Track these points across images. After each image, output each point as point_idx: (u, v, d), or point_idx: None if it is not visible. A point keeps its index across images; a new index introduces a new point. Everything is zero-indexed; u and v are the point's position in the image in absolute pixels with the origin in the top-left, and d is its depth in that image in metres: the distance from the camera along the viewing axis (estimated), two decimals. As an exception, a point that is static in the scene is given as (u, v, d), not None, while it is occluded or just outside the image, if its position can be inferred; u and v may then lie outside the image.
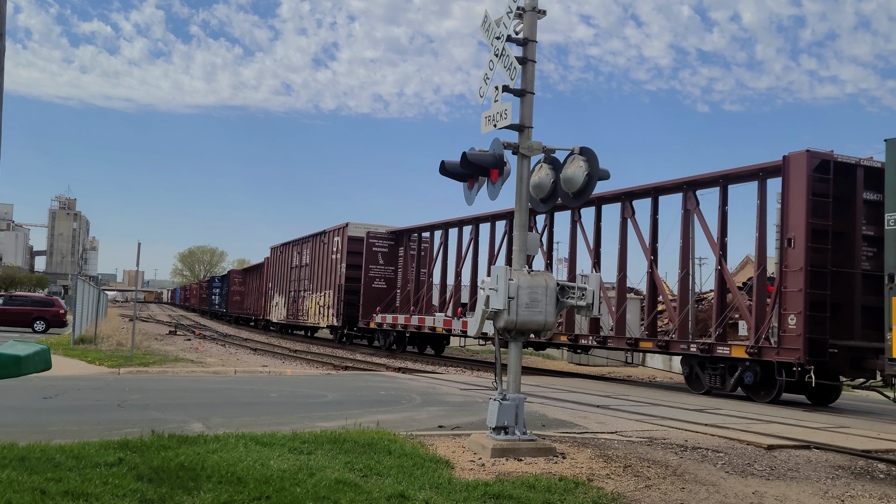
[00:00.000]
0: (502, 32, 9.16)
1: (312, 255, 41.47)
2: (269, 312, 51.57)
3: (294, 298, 44.67)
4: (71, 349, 24.17)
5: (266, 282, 53.02)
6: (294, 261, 45.21)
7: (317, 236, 41.06)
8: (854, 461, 9.47)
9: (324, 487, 6.46)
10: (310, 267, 41.59)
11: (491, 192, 9.34)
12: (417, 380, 19.10)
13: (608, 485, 7.33)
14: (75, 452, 7.24)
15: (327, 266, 38.46)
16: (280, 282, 48.46)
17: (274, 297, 50.24)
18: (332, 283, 37.43)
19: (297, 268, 44.60)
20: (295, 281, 44.68)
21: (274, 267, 50.80)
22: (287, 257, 47.17)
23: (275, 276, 50.32)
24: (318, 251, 40.39)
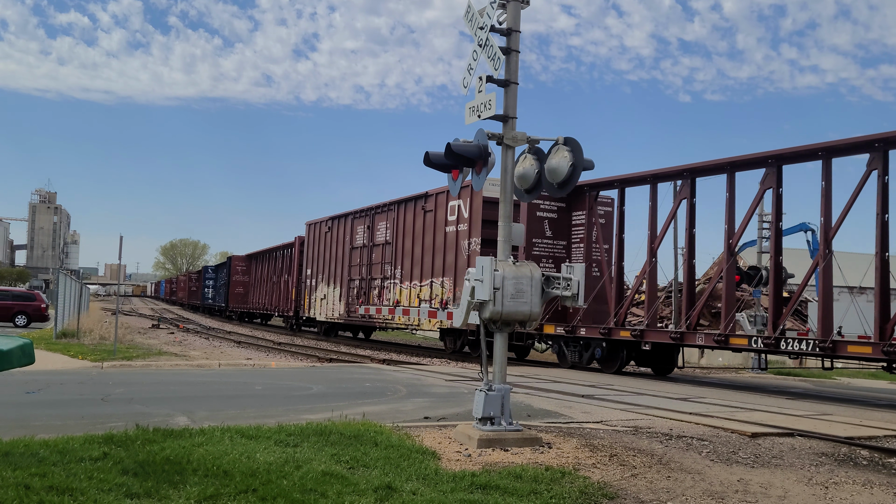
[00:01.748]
0: (486, 22, 9.13)
1: (398, 228, 29.78)
2: (311, 308, 38.73)
3: (361, 289, 32.54)
4: (53, 343, 24.00)
5: (303, 268, 40.12)
6: (358, 238, 33.24)
7: (406, 202, 29.33)
8: (837, 448, 9.56)
9: (310, 480, 6.45)
10: (393, 246, 30.09)
11: (475, 182, 9.33)
12: (403, 371, 19.10)
13: (594, 474, 7.36)
14: (59, 447, 7.19)
15: (436, 242, 27.01)
16: (330, 267, 35.98)
17: (318, 287, 37.58)
18: (448, 266, 26.05)
19: (363, 248, 32.54)
20: (362, 266, 32.45)
21: (316, 248, 38.14)
22: (341, 234, 35.13)
23: (318, 261, 37.66)
24: (412, 223, 28.75)
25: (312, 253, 38.74)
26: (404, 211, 29.50)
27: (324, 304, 36.82)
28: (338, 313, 34.83)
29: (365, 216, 32.86)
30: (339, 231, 35.35)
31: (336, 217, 36.05)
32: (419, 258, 27.89)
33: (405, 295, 28.55)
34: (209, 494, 5.94)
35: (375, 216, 31.97)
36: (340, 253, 34.88)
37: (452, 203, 26.29)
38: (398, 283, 29.06)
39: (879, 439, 10.28)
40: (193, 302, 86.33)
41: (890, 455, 9.20)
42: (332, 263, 35.66)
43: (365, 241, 32.31)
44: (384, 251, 30.70)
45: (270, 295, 50.01)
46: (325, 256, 36.74)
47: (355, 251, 33.32)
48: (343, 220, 35.20)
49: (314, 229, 38.81)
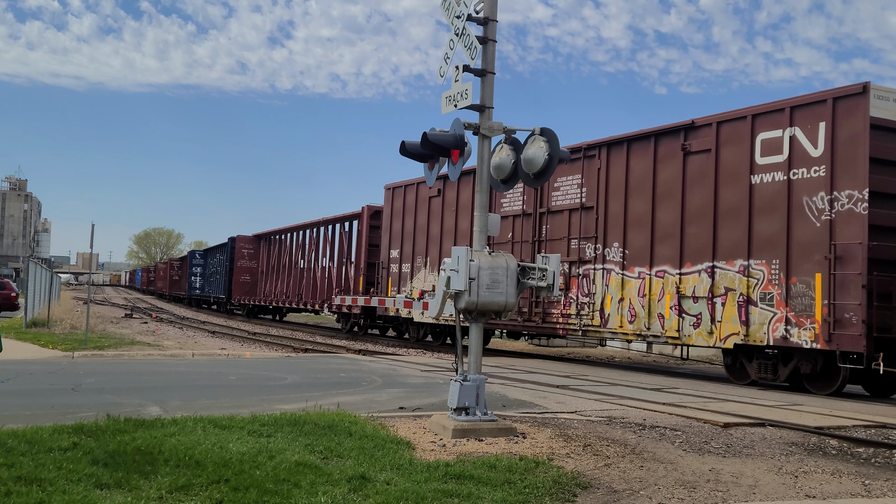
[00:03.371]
0: (462, 11, 9.09)
1: (611, 182, 19.58)
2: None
3: None
4: (23, 333, 23.71)
5: (382, 249, 29.27)
6: (509, 202, 22.99)
7: (631, 142, 19.15)
8: (807, 438, 9.68)
9: (284, 470, 6.42)
10: (600, 210, 19.79)
11: (451, 172, 9.31)
12: (378, 361, 19.08)
13: (568, 464, 7.39)
14: (28, 437, 7.09)
15: (723, 201, 16.79)
16: (444, 246, 25.29)
17: (418, 275, 26.95)
18: (770, 239, 15.76)
19: (522, 217, 22.37)
20: (521, 243, 22.28)
21: (413, 220, 27.31)
22: (468, 197, 24.20)
23: (416, 238, 27.02)
24: (650, 173, 18.52)
25: (403, 227, 27.77)
26: (625, 155, 19.12)
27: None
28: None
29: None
30: (467, 193, 24.26)
31: (463, 172, 24.40)
32: (670, 228, 17.80)
33: (633, 289, 18.62)
34: (181, 485, 5.89)
35: None
36: (466, 224, 24.04)
37: (770, 134, 15.92)
38: (614, 270, 19.13)
39: (848, 429, 10.41)
40: (177, 293, 75.77)
41: (858, 444, 9.32)
42: (449, 241, 25.10)
43: (526, 208, 22.11)
44: (579, 219, 20.29)
45: (295, 285, 40.19)
46: (433, 232, 26.18)
47: (506, 221, 23.00)
48: (474, 176, 22.69)
49: (406, 194, 27.69)
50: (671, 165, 17.92)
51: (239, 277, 48.71)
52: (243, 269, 48.97)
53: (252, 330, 34.62)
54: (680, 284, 17.34)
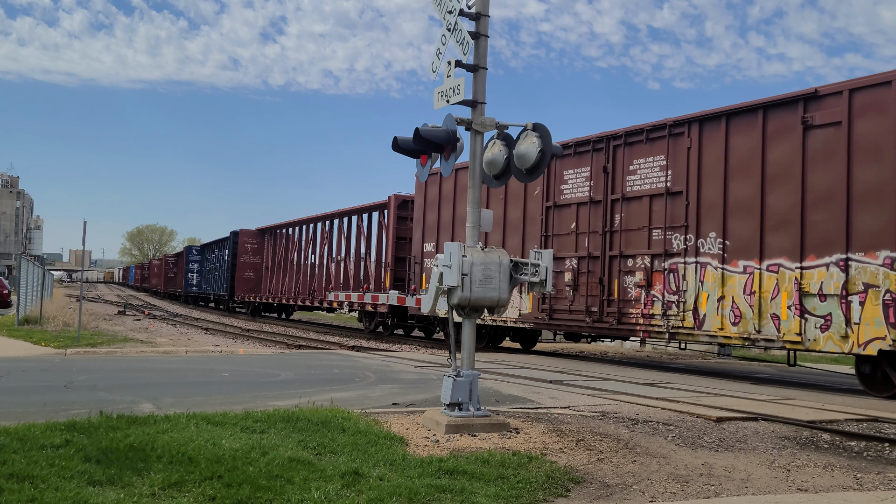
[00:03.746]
0: (454, 6, 9.08)
1: (702, 163, 17.11)
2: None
3: (580, 272, 19.81)
4: (15, 330, 23.65)
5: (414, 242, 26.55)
6: (571, 188, 20.35)
7: (731, 116, 16.62)
8: (800, 432, 9.71)
9: (277, 466, 6.42)
10: (691, 196, 17.25)
11: (444, 168, 9.30)
12: (372, 358, 19.08)
13: (561, 459, 7.40)
14: (20, 434, 7.08)
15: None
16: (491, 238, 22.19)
17: None
18: None
19: (589, 204, 19.67)
20: (587, 235, 19.67)
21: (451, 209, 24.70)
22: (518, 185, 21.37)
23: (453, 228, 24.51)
24: (756, 151, 16.00)
25: (440, 218, 25.12)
26: (723, 132, 16.56)
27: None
28: (517, 311, 21.83)
29: (590, 151, 19.68)
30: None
31: None
32: (786, 215, 15.32)
33: (736, 285, 15.95)
34: (174, 481, 5.88)
35: (619, 149, 18.96)
36: (518, 214, 21.93)
37: None
38: (710, 264, 16.52)
39: (840, 423, 10.46)
40: (172, 290, 73.79)
41: (850, 438, 9.36)
42: (495, 232, 22.40)
43: (594, 194, 19.52)
44: (663, 206, 17.78)
45: (304, 281, 38.43)
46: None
47: (566, 209, 20.32)
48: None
49: (443, 182, 25.19)
50: (786, 142, 15.39)
51: (242, 274, 46.56)
52: (246, 264, 46.75)
53: (245, 326, 34.55)
54: (801, 280, 14.76)
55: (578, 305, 19.64)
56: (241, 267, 46.54)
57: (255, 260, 46.65)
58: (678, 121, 17.56)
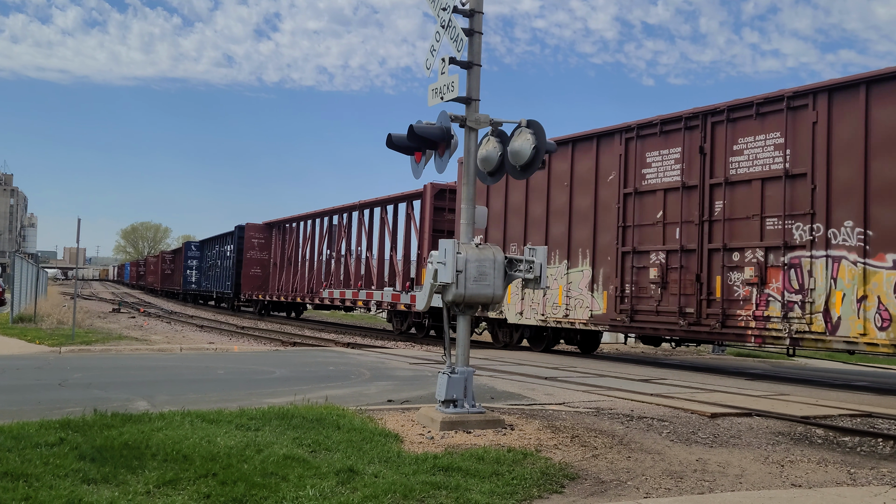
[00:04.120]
0: (448, 3, 9.07)
1: (841, 141, 14.76)
2: None
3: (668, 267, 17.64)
4: (9, 328, 23.58)
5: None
6: (656, 171, 18.07)
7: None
8: (793, 427, 9.74)
9: (272, 463, 6.42)
10: (830, 178, 14.87)
11: (438, 165, 9.30)
12: (367, 355, 19.08)
13: (556, 455, 7.41)
14: (14, 433, 7.07)
15: None
16: (558, 229, 20.40)
17: None
18: None
19: (681, 190, 17.38)
20: (682, 226, 17.36)
21: (506, 199, 22.22)
22: (586, 167, 19.74)
23: (509, 220, 22.02)
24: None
25: (489, 208, 21.53)
26: (861, 102, 14.29)
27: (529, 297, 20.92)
28: (586, 312, 19.33)
29: (680, 130, 17.35)
30: (586, 162, 19.63)
31: (578, 138, 19.83)
32: None
33: (884, 283, 13.65)
34: (168, 479, 5.88)
35: (718, 127, 16.66)
36: (587, 202, 19.49)
37: None
38: (846, 258, 14.30)
39: (834, 418, 10.49)
40: (170, 288, 71.36)
41: (844, 434, 9.39)
42: (559, 223, 20.23)
43: (687, 178, 17.16)
44: (781, 191, 15.44)
45: (318, 278, 36.23)
46: (535, 212, 21.18)
47: (651, 196, 17.99)
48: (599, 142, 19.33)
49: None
50: None
51: (249, 270, 43.98)
52: (253, 260, 44.03)
53: (240, 324, 34.51)
54: None
55: (668, 305, 17.35)
56: (248, 263, 44.08)
57: (263, 256, 44.24)
58: (799, 91, 15.27)
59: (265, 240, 44.25)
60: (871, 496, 6.38)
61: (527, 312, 21.01)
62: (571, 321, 19.81)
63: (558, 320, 20.06)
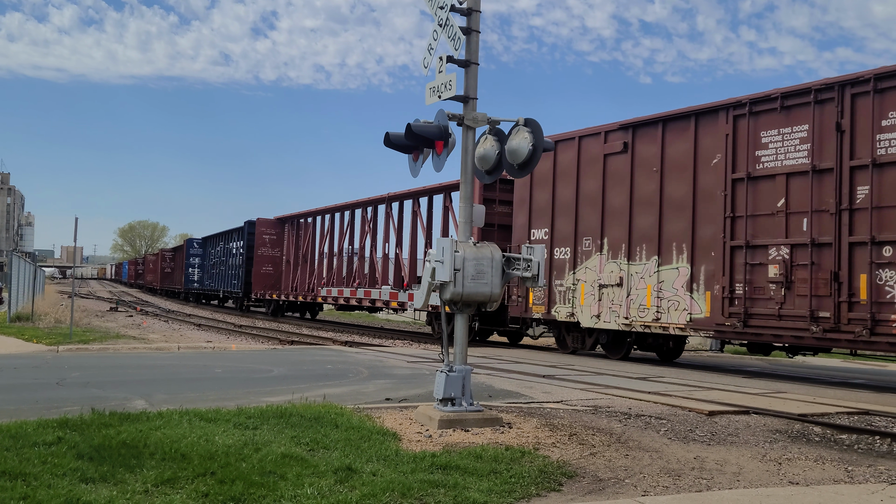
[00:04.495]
0: (446, 2, 9.07)
1: None
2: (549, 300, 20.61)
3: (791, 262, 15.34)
4: (7, 327, 23.56)
5: (519, 227, 21.89)
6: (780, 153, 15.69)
7: None
8: (791, 425, 9.76)
9: (270, 462, 6.42)
10: None
11: (436, 163, 9.29)
12: (364, 353, 19.08)
13: (554, 453, 7.42)
14: (12, 432, 7.06)
15: None
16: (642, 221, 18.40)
17: (581, 259, 19.82)
18: None
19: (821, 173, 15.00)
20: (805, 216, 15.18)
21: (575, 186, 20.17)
22: (680, 150, 17.63)
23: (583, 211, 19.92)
24: None
25: (555, 198, 20.56)
26: None
27: (608, 297, 18.74)
28: (684, 315, 16.96)
29: (809, 104, 15.11)
30: (681, 145, 17.49)
31: (670, 117, 17.72)
32: None
33: None
34: (167, 478, 5.88)
35: (860, 99, 14.45)
36: (683, 190, 17.32)
37: None
38: None
39: (831, 416, 10.51)
40: (170, 286, 69.14)
41: (841, 431, 9.41)
42: (646, 214, 18.13)
43: (818, 160, 14.94)
44: None
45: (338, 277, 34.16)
46: (615, 202, 18.94)
47: (768, 182, 15.81)
48: (698, 122, 17.09)
49: (559, 153, 20.28)
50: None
51: (260, 268, 41.08)
52: (265, 258, 41.17)
53: (239, 322, 34.49)
54: None
55: (794, 309, 14.93)
56: (259, 260, 41.15)
57: (275, 253, 41.45)
58: None
59: (277, 236, 41.58)
60: (869, 494, 6.39)
61: (605, 315, 18.73)
62: (664, 325, 17.39)
63: (646, 324, 17.76)
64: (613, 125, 19.00)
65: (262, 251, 41.29)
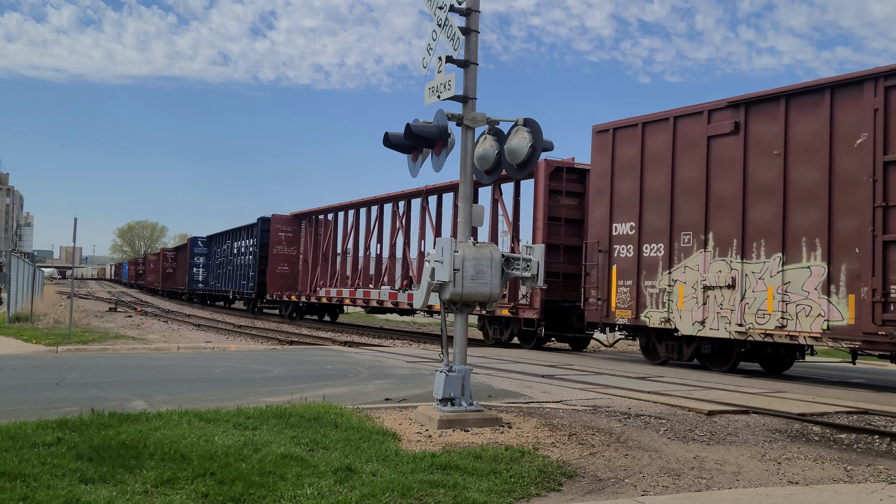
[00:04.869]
0: (445, 2, 9.07)
1: None
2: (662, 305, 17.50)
3: None
4: (6, 328, 23.55)
5: (597, 220, 19.34)
6: None
7: None
8: (790, 424, 9.76)
9: (269, 462, 6.42)
10: None
11: (435, 163, 9.30)
12: (364, 353, 19.07)
13: (553, 453, 7.42)
14: (12, 432, 7.06)
15: None
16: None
17: (678, 257, 17.29)
18: None
19: None
20: None
21: (670, 173, 17.58)
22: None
23: (682, 197, 17.38)
24: None
25: (643, 187, 18.18)
26: None
27: (715, 301, 16.21)
28: (819, 322, 14.48)
29: None
30: (807, 124, 15.15)
31: (795, 91, 15.35)
32: None
33: None
34: (166, 478, 5.88)
35: None
36: (814, 176, 14.92)
37: None
38: None
39: (831, 415, 10.52)
40: (172, 287, 66.93)
41: (841, 431, 9.41)
42: (764, 204, 15.70)
43: None
44: None
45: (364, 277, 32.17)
46: (722, 190, 16.45)
47: None
48: (834, 96, 14.65)
49: (648, 135, 18.15)
50: None
51: (275, 267, 38.72)
52: (280, 257, 38.76)
53: (238, 323, 34.47)
54: None
55: None
56: (274, 259, 38.76)
57: (291, 251, 38.99)
58: None
59: (293, 233, 39.10)
60: (868, 493, 6.40)
61: (712, 321, 16.19)
62: (791, 333, 14.92)
63: (767, 332, 15.24)
64: (720, 102, 16.53)
65: (278, 249, 38.86)
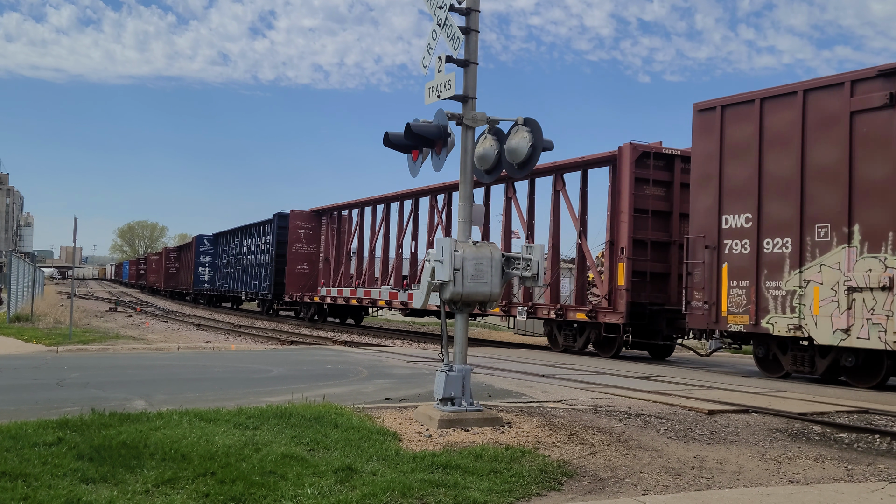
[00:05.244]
0: (445, 2, 9.07)
1: None
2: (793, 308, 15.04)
3: None
4: (6, 328, 23.55)
5: (701, 212, 16.99)
6: None
7: None
8: (791, 424, 9.76)
9: (270, 462, 6.42)
10: None
11: (435, 163, 9.30)
12: (364, 353, 19.07)
13: (554, 452, 7.42)
14: (12, 432, 7.06)
15: None
16: None
17: (810, 253, 14.86)
18: None
19: None
20: None
21: (799, 157, 15.12)
22: None
23: (813, 184, 14.96)
24: None
25: (762, 173, 15.91)
26: None
27: (864, 306, 13.84)
28: None
29: None
30: None
31: None
32: None
33: None
34: (167, 478, 5.88)
35: None
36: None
37: None
38: None
39: (831, 415, 10.52)
40: (175, 287, 64.73)
41: (841, 430, 9.41)
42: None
43: None
44: None
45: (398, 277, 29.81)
46: (869, 175, 14.12)
47: None
48: None
49: (767, 114, 15.85)
50: None
51: (294, 267, 36.14)
52: (300, 255, 36.23)
53: (238, 322, 34.46)
54: None
55: None
56: (293, 258, 36.17)
57: (311, 249, 36.51)
58: None
59: (313, 230, 36.53)
60: (868, 492, 6.40)
61: (860, 329, 13.78)
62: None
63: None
64: (867, 71, 14.08)
65: (297, 247, 36.29)
